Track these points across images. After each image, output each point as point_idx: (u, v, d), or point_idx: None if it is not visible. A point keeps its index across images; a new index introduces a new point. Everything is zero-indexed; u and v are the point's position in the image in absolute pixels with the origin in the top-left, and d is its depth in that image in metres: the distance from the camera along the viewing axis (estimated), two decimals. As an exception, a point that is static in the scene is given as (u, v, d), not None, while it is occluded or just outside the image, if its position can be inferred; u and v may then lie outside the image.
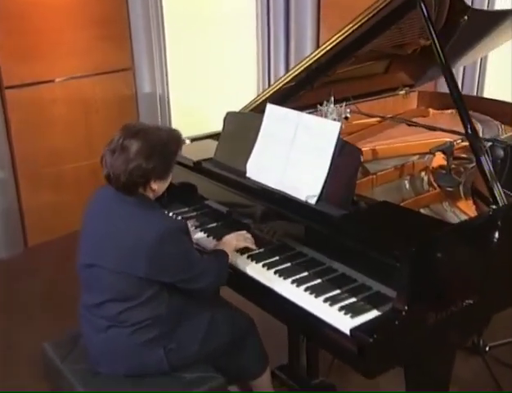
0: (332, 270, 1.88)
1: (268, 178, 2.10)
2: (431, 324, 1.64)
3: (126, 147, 1.70)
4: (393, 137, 2.72)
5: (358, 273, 1.81)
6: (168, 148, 1.75)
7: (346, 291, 1.81)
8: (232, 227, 2.20)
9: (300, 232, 1.97)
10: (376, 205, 1.89)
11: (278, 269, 1.96)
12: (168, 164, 1.78)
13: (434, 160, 2.50)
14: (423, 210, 2.06)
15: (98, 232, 1.80)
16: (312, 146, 1.98)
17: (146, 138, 1.71)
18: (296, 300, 1.82)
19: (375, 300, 1.73)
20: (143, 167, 1.70)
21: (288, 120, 2.08)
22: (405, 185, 2.30)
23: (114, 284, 1.78)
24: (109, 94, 4.18)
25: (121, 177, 1.71)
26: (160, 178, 1.78)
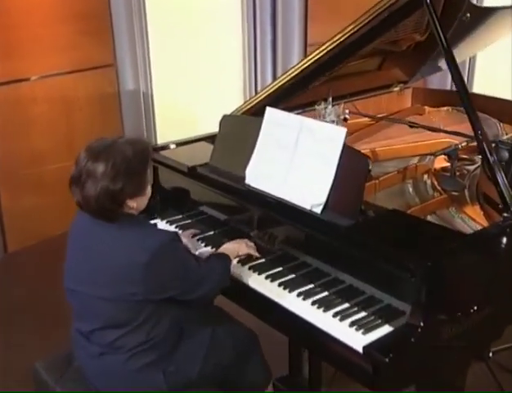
0: (339, 282, 1.83)
1: (269, 185, 2.03)
2: (446, 338, 1.60)
3: (90, 171, 1.61)
4: (392, 137, 2.68)
5: (366, 285, 1.76)
6: (133, 165, 1.64)
7: (355, 305, 1.76)
8: (231, 235, 2.13)
9: (304, 242, 1.92)
10: (385, 214, 1.84)
11: (282, 281, 1.91)
12: (139, 180, 1.67)
13: (436, 161, 2.46)
14: (430, 216, 2.02)
15: (83, 258, 1.71)
16: (316, 153, 1.91)
17: (109, 159, 1.61)
18: (303, 315, 1.76)
19: (386, 314, 1.69)
20: (110, 189, 1.60)
21: (289, 125, 2.02)
22: (408, 189, 2.25)
23: (106, 311, 1.71)
24: (91, 92, 4.07)
25: (91, 203, 1.63)
26: (135, 196, 1.67)
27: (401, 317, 1.67)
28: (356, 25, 2.21)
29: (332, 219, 1.82)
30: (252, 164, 2.10)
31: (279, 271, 1.97)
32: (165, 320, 1.75)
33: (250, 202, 2.06)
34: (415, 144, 2.55)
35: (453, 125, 2.85)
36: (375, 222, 1.82)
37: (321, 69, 2.35)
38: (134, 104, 4.27)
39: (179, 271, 1.72)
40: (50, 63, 3.82)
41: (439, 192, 2.16)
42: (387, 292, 1.70)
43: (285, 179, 1.99)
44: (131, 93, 4.25)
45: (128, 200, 1.66)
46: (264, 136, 2.09)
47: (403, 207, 2.06)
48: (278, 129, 2.05)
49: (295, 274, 1.93)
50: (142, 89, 4.31)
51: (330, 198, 1.86)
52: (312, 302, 1.80)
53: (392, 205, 2.05)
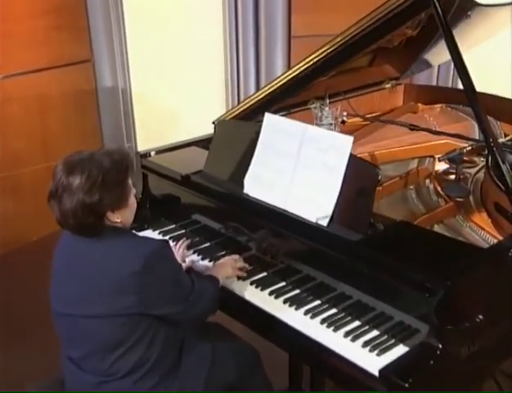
0: (347, 297, 1.78)
1: (270, 196, 1.97)
2: (464, 359, 1.56)
3: (66, 185, 1.57)
4: (388, 138, 2.62)
5: (376, 301, 1.70)
6: (111, 176, 1.60)
7: (366, 323, 1.71)
8: (229, 246, 2.07)
9: (310, 256, 1.86)
10: (394, 227, 1.79)
11: (288, 298, 1.85)
12: (118, 191, 1.62)
13: (436, 164, 2.42)
14: (437, 225, 1.97)
15: (71, 278, 1.65)
16: (321, 163, 1.85)
17: (85, 170, 1.57)
18: (312, 335, 1.71)
19: (399, 333, 1.64)
20: (87, 202, 1.56)
21: (290, 132, 1.95)
22: (411, 196, 2.20)
23: (98, 332, 1.63)
24: (66, 89, 3.93)
25: (69, 218, 1.58)
26: (117, 208, 1.62)
27: (415, 335, 1.62)
28: (358, 28, 2.14)
29: (340, 233, 1.76)
30: (250, 172, 2.03)
31: (283, 286, 1.91)
32: (159, 338, 1.68)
33: (250, 213, 1.99)
34: (414, 146, 2.49)
35: (448, 124, 2.81)
36: (385, 235, 1.76)
37: (319, 71, 2.28)
38: (112, 101, 4.15)
39: (172, 281, 1.66)
40: (23, 59, 3.68)
41: (443, 199, 2.12)
42: (398, 308, 1.65)
43: (288, 190, 1.92)
44: (109, 90, 4.13)
45: (110, 213, 1.61)
46: (263, 143, 2.02)
47: (409, 216, 2.02)
48: (278, 136, 1.98)
49: (300, 290, 1.88)
50: (121, 86, 4.19)
51: (337, 210, 1.80)
52: (321, 320, 1.74)
53: (398, 214, 2.01)
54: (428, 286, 1.53)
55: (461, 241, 1.76)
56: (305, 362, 1.89)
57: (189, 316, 1.72)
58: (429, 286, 1.52)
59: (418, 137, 2.59)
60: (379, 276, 1.65)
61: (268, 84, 2.36)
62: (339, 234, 1.76)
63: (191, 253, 2.11)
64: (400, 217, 1.98)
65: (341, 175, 1.80)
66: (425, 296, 1.53)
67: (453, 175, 2.29)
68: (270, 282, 1.93)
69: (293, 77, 2.29)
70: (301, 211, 1.88)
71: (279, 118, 2.00)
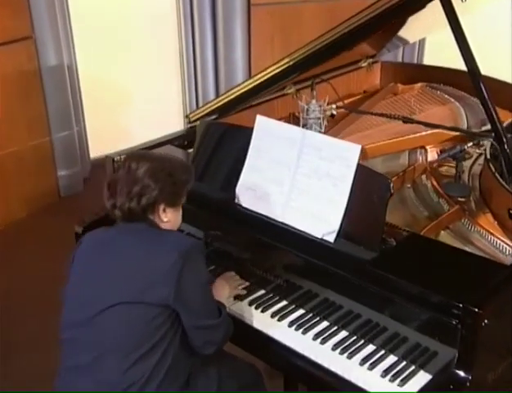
0: (355, 316, 1.71)
1: (265, 207, 1.87)
2: (492, 381, 1.53)
3: (132, 169, 1.64)
4: (372, 126, 2.56)
5: (388, 319, 1.65)
6: (176, 173, 1.68)
7: (381, 346, 1.66)
8: (220, 260, 1.98)
9: (312, 273, 1.78)
10: (407, 242, 1.73)
11: (293, 320, 1.78)
12: (178, 189, 1.68)
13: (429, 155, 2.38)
14: (443, 232, 1.93)
15: (99, 275, 1.63)
16: (325, 173, 1.76)
17: (153, 160, 1.67)
18: (324, 363, 1.65)
19: (418, 357, 1.60)
20: (151, 187, 1.62)
21: (287, 138, 1.85)
22: (410, 196, 2.15)
23: (118, 328, 1.58)
24: (7, 69, 3.67)
25: (126, 202, 1.62)
26: (171, 205, 1.66)
27: (433, 359, 1.58)
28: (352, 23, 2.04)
29: (350, 251, 1.69)
30: (242, 181, 1.92)
31: (285, 306, 1.83)
32: (172, 349, 1.62)
33: (246, 225, 1.89)
34: (403, 138, 2.43)
35: (432, 108, 2.77)
36: (399, 253, 1.70)
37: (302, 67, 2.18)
38: (58, 82, 3.90)
39: (202, 290, 1.65)
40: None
41: (444, 199, 2.07)
42: (414, 329, 1.60)
43: (287, 202, 1.83)
44: (53, 69, 3.87)
45: (162, 207, 1.64)
46: (255, 149, 1.91)
47: (413, 223, 1.97)
48: (273, 142, 1.87)
49: (305, 310, 1.81)
50: (66, 63, 3.94)
51: (344, 225, 1.73)
52: (332, 347, 1.68)
53: (400, 220, 1.96)
54: (455, 312, 1.47)
55: (481, 256, 1.71)
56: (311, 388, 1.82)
57: (211, 339, 1.66)
58: (457, 314, 1.47)
59: (405, 125, 2.53)
60: (395, 299, 1.59)
61: (248, 80, 2.25)
62: (350, 252, 1.69)
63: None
64: (403, 224, 1.93)
65: (348, 187, 1.72)
66: (452, 324, 1.48)
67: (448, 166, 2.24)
68: (271, 302, 1.85)
69: (275, 74, 2.18)
70: (301, 225, 1.79)
71: (272, 121, 1.90)
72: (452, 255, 1.69)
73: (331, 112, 2.30)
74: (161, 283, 1.56)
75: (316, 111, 2.26)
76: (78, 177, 4.18)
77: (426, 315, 1.54)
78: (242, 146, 1.93)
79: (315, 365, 1.66)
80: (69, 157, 4.08)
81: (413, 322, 1.60)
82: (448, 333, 1.51)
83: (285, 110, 2.67)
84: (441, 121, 2.66)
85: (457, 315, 1.48)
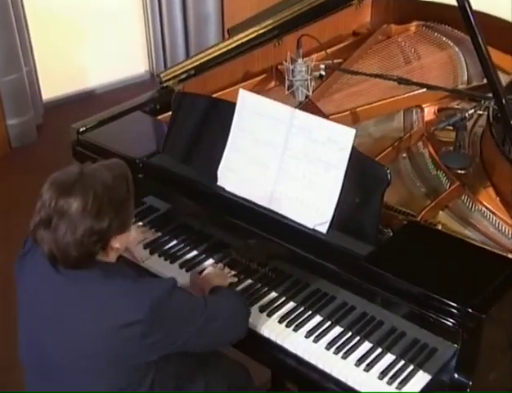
0: (349, 309, 1.79)
1: (251, 192, 1.91)
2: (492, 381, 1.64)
3: (64, 211, 1.49)
4: (361, 82, 2.56)
5: (385, 312, 1.72)
6: (117, 193, 1.56)
7: (377, 343, 1.75)
8: (201, 245, 2.04)
9: (302, 266, 1.83)
10: (405, 232, 1.79)
11: (283, 316, 1.86)
12: (125, 212, 1.59)
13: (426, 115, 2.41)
14: (442, 212, 1.99)
15: (54, 327, 1.59)
16: (316, 157, 1.79)
17: (87, 190, 1.51)
18: (320, 365, 1.73)
19: (416, 355, 1.69)
20: (96, 229, 1.50)
21: (273, 117, 1.87)
22: (405, 167, 2.20)
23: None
24: None
25: (71, 251, 1.50)
26: (121, 232, 1.58)
27: (433, 356, 1.67)
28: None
29: (343, 243, 1.75)
30: (225, 162, 1.95)
31: (274, 299, 1.90)
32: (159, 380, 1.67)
33: (227, 212, 1.93)
34: (399, 97, 2.45)
35: (429, 54, 2.77)
36: (397, 245, 1.76)
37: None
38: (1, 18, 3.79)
39: (184, 321, 1.62)
40: None
41: (443, 171, 2.12)
42: (412, 321, 1.67)
43: (274, 186, 1.86)
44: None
45: (113, 239, 1.56)
46: (238, 127, 1.93)
47: (410, 203, 2.02)
48: (258, 121, 1.89)
49: (295, 303, 1.88)
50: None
51: (338, 216, 1.77)
52: (326, 345, 1.76)
53: (395, 196, 2.01)
54: (457, 317, 1.55)
55: (485, 249, 1.77)
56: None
57: (214, 336, 1.70)
58: (459, 319, 1.55)
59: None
60: (392, 299, 1.66)
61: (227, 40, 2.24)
62: (342, 244, 1.74)
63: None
64: (399, 202, 1.99)
65: (342, 173, 1.76)
66: (455, 328, 1.56)
67: (447, 130, 2.28)
68: (258, 295, 1.91)
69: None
70: (290, 213, 1.84)
71: (257, 97, 1.90)
72: (453, 247, 1.74)
73: (319, 73, 2.29)
74: (124, 345, 1.53)
75: (302, 72, 2.26)
76: (31, 124, 4.14)
77: (425, 315, 1.61)
78: (224, 121, 1.94)
79: (308, 366, 1.75)
80: (20, 103, 4.02)
81: (411, 316, 1.66)
82: (448, 329, 1.59)
83: (267, 61, 2.66)
84: (438, 71, 2.69)
85: (458, 318, 1.56)
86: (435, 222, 1.94)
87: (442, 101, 2.51)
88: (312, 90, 2.31)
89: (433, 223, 1.92)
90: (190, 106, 2.05)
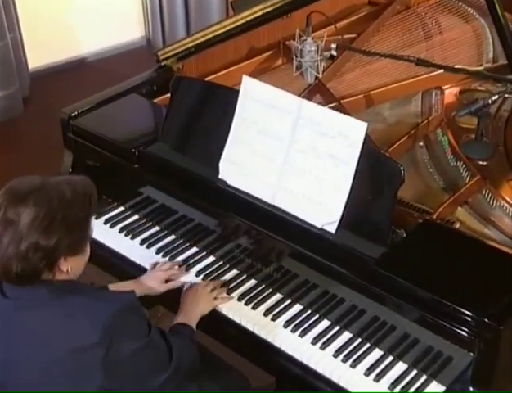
0: (359, 313, 1.86)
1: (254, 187, 1.97)
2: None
3: (11, 221, 1.51)
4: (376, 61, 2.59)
5: (394, 315, 1.79)
6: (73, 211, 1.56)
7: (388, 351, 1.81)
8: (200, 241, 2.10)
9: (308, 267, 1.90)
10: (418, 232, 1.84)
11: (288, 320, 1.92)
12: (79, 233, 1.59)
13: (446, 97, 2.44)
14: (460, 208, 2.04)
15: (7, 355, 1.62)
16: (324, 151, 1.85)
17: (42, 201, 1.52)
18: (327, 374, 1.80)
19: (430, 364, 1.75)
20: (41, 246, 1.51)
21: (279, 107, 1.92)
22: (422, 158, 2.25)
23: None
24: None
25: (12, 265, 1.52)
26: (71, 254, 1.58)
27: (448, 365, 1.74)
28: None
29: (353, 245, 1.81)
30: (226, 154, 2.00)
31: (279, 301, 1.97)
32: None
33: (229, 207, 1.99)
34: (417, 78, 2.49)
35: (452, 28, 2.79)
36: (410, 247, 1.81)
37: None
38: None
39: (142, 348, 1.62)
40: None
41: (463, 162, 2.16)
42: (426, 327, 1.72)
43: (279, 181, 1.92)
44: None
45: (62, 260, 1.57)
46: (241, 118, 1.98)
47: (426, 195, 2.07)
48: (262, 111, 1.94)
49: (302, 306, 1.95)
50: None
51: (347, 215, 1.83)
52: (334, 353, 1.83)
53: (410, 190, 2.06)
54: (472, 327, 1.62)
55: (505, 252, 1.81)
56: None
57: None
58: (474, 330, 1.62)
59: (417, 51, 2.56)
60: (404, 306, 1.72)
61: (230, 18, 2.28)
62: (352, 246, 1.80)
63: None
64: (415, 197, 2.04)
65: (352, 169, 1.81)
66: (471, 339, 1.63)
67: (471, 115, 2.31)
68: (262, 297, 1.98)
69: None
70: (296, 210, 1.90)
71: (262, 85, 1.95)
72: (472, 249, 1.80)
73: (330, 53, 2.34)
74: (83, 374, 1.54)
75: (312, 52, 2.30)
76: (16, 97, 4.18)
77: (439, 323, 1.68)
78: (227, 110, 1.99)
79: (314, 374, 1.82)
80: (4, 73, 4.06)
81: (425, 321, 1.72)
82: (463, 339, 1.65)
83: (273, 36, 2.70)
84: (461, 47, 2.71)
85: (474, 328, 1.62)
86: (453, 219, 2.00)
87: (464, 82, 2.54)
88: (322, 71, 2.35)
89: (451, 221, 1.98)
90: (190, 92, 2.10)
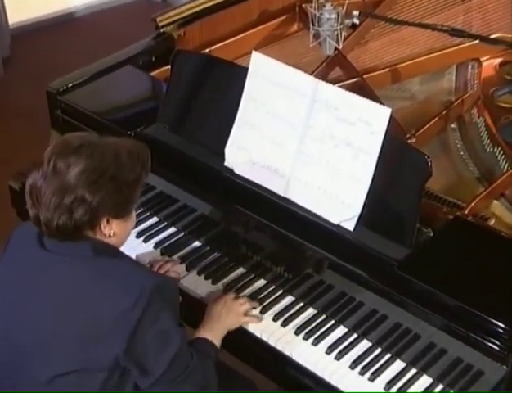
0: (379, 319, 1.90)
1: (264, 177, 2.00)
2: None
3: (60, 171, 1.62)
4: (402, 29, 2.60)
5: (418, 322, 1.82)
6: (122, 174, 1.67)
7: (411, 362, 1.85)
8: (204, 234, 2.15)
9: (323, 268, 1.94)
10: (447, 231, 1.88)
11: (300, 326, 1.97)
12: (125, 197, 1.69)
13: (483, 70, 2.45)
14: (496, 201, 2.07)
15: (31, 304, 1.70)
16: (342, 139, 1.88)
17: (92, 156, 1.64)
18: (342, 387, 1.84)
19: (458, 379, 1.80)
20: (87, 199, 1.62)
21: (293, 88, 1.95)
22: (454, 142, 2.28)
23: None
24: None
25: (54, 217, 1.62)
26: (116, 216, 1.69)
27: (477, 381, 1.78)
28: None
29: (373, 245, 1.85)
30: (233, 139, 2.04)
31: (290, 305, 2.02)
32: None
33: (237, 197, 2.04)
34: (452, 49, 2.50)
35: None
36: (437, 248, 1.85)
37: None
38: None
39: (164, 337, 1.70)
40: None
41: (501, 147, 2.19)
42: (456, 337, 1.76)
43: (292, 171, 1.96)
44: None
45: (104, 221, 1.67)
46: (250, 99, 2.01)
47: (457, 186, 2.11)
48: (274, 92, 1.97)
49: (316, 310, 1.99)
50: None
51: (367, 211, 1.87)
52: (351, 364, 1.87)
53: (440, 180, 2.08)
54: (507, 340, 1.66)
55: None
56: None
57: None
58: (509, 341, 1.66)
59: (452, 16, 2.57)
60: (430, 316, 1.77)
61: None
62: (372, 246, 1.84)
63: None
64: (445, 189, 2.08)
65: (373, 160, 1.85)
66: (499, 350, 1.68)
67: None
68: (272, 299, 2.03)
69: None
70: (311, 204, 1.94)
71: (273, 63, 1.98)
72: (508, 251, 1.82)
73: (352, 22, 2.36)
74: (108, 337, 1.61)
75: (331, 20, 2.32)
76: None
77: (469, 335, 1.72)
78: (234, 89, 2.02)
79: (328, 387, 1.87)
80: (-19, 31, 4.09)
81: (453, 331, 1.76)
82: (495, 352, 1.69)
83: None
84: (505, 10, 2.69)
85: (507, 341, 1.67)
86: (488, 214, 2.03)
87: (506, 52, 2.55)
88: (342, 42, 2.37)
89: (485, 217, 2.01)
90: (192, 68, 2.13)
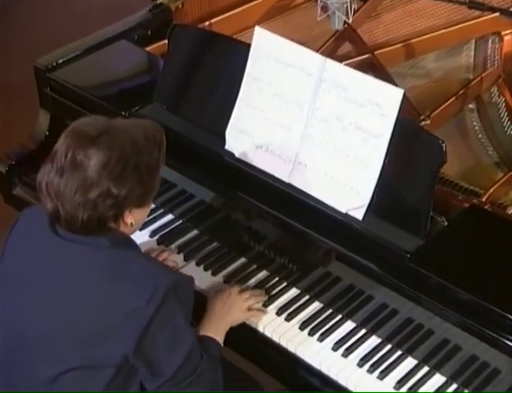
0: (389, 314, 1.91)
1: (267, 161, 2.01)
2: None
3: (81, 164, 1.63)
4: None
5: (434, 316, 1.83)
6: (144, 159, 1.70)
7: (424, 360, 1.86)
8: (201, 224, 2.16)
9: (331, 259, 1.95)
10: (463, 220, 1.88)
11: (305, 321, 1.98)
12: (150, 182, 1.74)
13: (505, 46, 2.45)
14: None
15: (39, 307, 1.72)
16: (351, 121, 1.89)
17: (112, 145, 1.65)
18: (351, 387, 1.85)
19: (472, 378, 1.80)
20: (113, 193, 1.65)
21: (299, 67, 1.94)
22: (472, 124, 2.27)
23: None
24: None
25: (78, 213, 1.65)
26: (138, 206, 1.74)
27: (493, 380, 1.79)
28: None
29: (383, 235, 1.85)
30: (234, 120, 2.04)
31: (295, 297, 2.03)
32: None
33: (238, 183, 2.04)
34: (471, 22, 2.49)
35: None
36: (451, 238, 1.85)
37: None
38: None
39: (180, 333, 1.73)
40: None
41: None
42: (471, 333, 1.77)
43: (297, 155, 1.96)
44: None
45: (128, 212, 1.71)
46: (252, 78, 2.01)
47: (475, 172, 2.11)
48: (278, 70, 1.97)
49: (322, 304, 2.01)
50: None
51: (377, 198, 1.87)
52: (359, 361, 1.88)
53: (456, 164, 2.09)
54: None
55: None
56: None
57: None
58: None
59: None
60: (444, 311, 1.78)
61: None
62: (383, 236, 1.85)
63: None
64: (461, 174, 2.08)
65: (384, 145, 1.85)
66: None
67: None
68: (277, 291, 2.05)
69: None
70: (317, 191, 1.94)
71: (278, 39, 1.98)
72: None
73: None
74: (119, 333, 1.64)
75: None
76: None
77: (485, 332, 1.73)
78: (235, 68, 2.03)
79: (335, 386, 1.88)
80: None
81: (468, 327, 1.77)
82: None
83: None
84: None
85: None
86: (507, 202, 2.04)
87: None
88: (352, 15, 2.37)
89: (504, 205, 2.02)
90: (191, 44, 2.13)
